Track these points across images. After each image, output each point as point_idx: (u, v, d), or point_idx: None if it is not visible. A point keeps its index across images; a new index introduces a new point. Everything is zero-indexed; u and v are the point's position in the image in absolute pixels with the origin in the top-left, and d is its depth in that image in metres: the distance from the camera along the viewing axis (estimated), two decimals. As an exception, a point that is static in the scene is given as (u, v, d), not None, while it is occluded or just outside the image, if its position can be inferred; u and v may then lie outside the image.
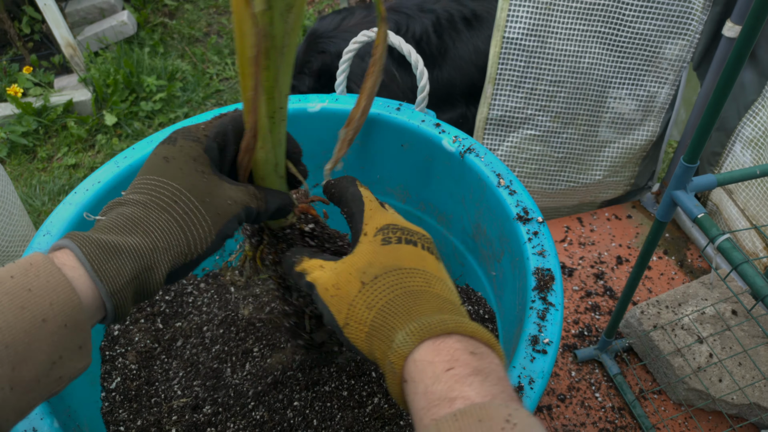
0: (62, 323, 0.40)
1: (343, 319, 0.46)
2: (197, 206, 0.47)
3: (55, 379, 0.41)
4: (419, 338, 0.41)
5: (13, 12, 2.47)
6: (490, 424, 0.34)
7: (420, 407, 0.39)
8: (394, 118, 0.88)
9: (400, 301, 0.45)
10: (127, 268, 0.43)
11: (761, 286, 0.70)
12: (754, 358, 1.08)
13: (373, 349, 0.45)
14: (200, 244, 0.48)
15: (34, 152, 2.13)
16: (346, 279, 0.47)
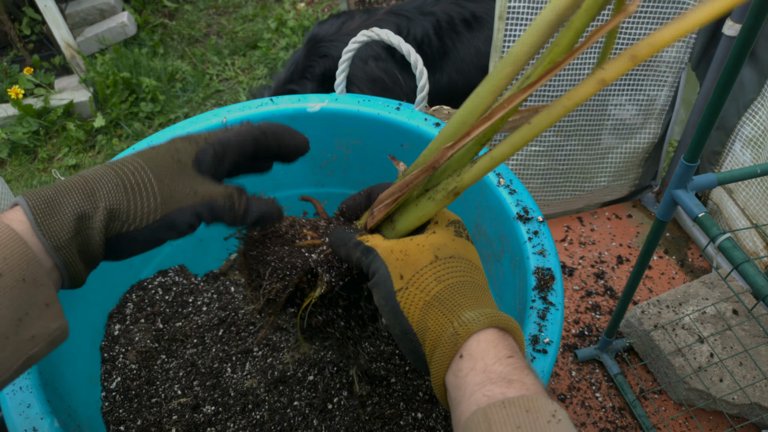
0: (19, 277, 0.40)
1: (402, 283, 0.46)
2: (152, 182, 0.47)
3: (27, 339, 0.41)
4: (489, 323, 0.43)
5: (13, 13, 2.47)
6: (536, 415, 0.36)
7: (475, 382, 0.40)
8: (394, 118, 0.88)
9: (469, 287, 0.46)
10: (68, 224, 0.44)
11: (762, 285, 0.70)
12: (755, 358, 1.08)
13: (427, 318, 0.45)
14: (141, 218, 0.47)
15: (34, 153, 2.13)
16: (418, 249, 0.48)
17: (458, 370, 0.42)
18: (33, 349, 0.42)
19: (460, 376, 0.41)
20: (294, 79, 1.39)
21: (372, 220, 0.52)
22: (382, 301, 0.47)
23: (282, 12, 2.63)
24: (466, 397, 0.40)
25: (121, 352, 0.82)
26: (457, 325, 0.43)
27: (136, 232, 0.47)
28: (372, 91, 1.37)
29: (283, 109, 0.90)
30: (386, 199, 0.51)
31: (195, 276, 0.96)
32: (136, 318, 0.86)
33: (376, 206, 0.52)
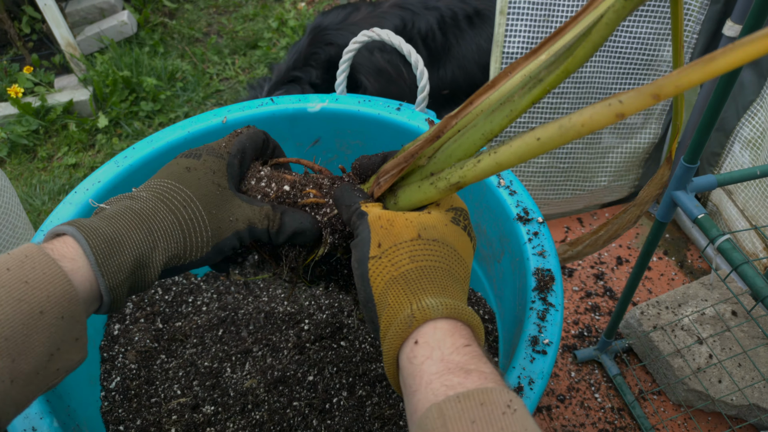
0: (59, 315, 0.40)
1: (377, 251, 0.46)
2: (203, 215, 0.49)
3: (53, 372, 0.41)
4: (447, 314, 0.42)
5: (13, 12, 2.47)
6: (491, 408, 0.36)
7: (432, 372, 0.39)
8: (394, 118, 0.88)
9: (440, 274, 0.46)
10: (127, 265, 0.45)
11: (761, 286, 0.70)
12: (754, 359, 1.08)
13: (389, 293, 0.45)
14: (196, 252, 0.49)
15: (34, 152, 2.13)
16: (404, 224, 0.47)
17: (413, 357, 0.41)
18: (54, 380, 0.42)
19: (415, 363, 0.41)
20: (297, 66, 1.38)
21: (378, 189, 0.52)
22: (356, 264, 0.47)
23: (282, 11, 2.63)
24: (422, 386, 0.39)
25: (120, 351, 0.82)
26: (415, 308, 0.42)
27: (189, 264, 0.50)
28: (377, 81, 1.37)
29: (283, 109, 0.90)
30: (392, 169, 0.51)
31: (195, 276, 0.96)
32: (136, 318, 0.86)
33: (382, 176, 0.52)
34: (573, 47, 0.40)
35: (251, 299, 0.90)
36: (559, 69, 0.41)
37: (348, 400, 0.74)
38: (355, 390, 0.76)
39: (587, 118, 0.35)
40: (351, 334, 0.82)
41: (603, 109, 0.35)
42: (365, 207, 0.49)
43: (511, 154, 0.41)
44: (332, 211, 0.55)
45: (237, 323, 0.86)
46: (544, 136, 0.38)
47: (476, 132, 0.45)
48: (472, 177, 0.45)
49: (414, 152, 0.49)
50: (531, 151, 0.40)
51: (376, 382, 0.76)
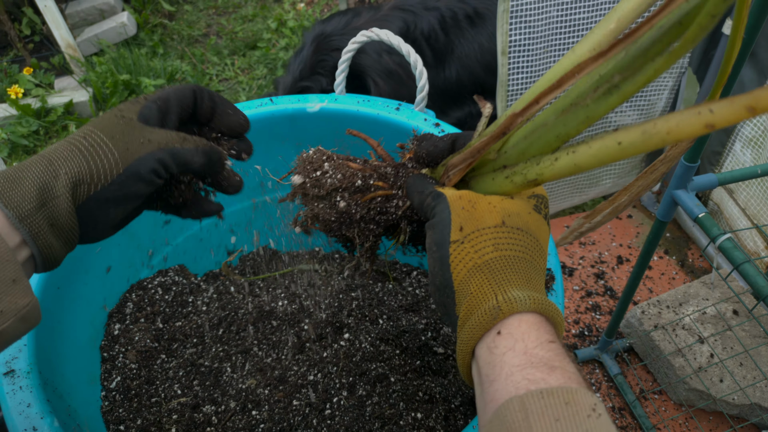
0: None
1: (459, 235, 0.44)
2: (104, 140, 0.49)
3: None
4: (535, 308, 0.41)
5: (13, 13, 2.47)
6: (576, 408, 0.35)
7: (514, 363, 0.39)
8: (394, 118, 0.88)
9: (525, 265, 0.44)
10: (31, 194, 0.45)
11: (762, 285, 0.70)
12: (756, 358, 1.08)
13: (471, 281, 0.43)
14: (105, 174, 0.48)
15: (34, 152, 2.13)
16: (487, 207, 0.46)
17: (495, 347, 0.40)
18: (2, 325, 0.42)
19: (496, 353, 0.40)
20: (305, 76, 1.38)
21: (449, 182, 0.51)
22: (434, 247, 0.45)
23: (282, 12, 2.63)
24: (502, 377, 0.38)
25: (120, 351, 0.81)
26: (501, 300, 0.41)
27: (105, 190, 0.48)
28: (388, 84, 1.37)
29: (282, 110, 0.90)
30: (459, 163, 0.49)
31: (195, 276, 0.96)
32: (136, 317, 0.86)
33: (451, 169, 0.50)
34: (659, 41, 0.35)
35: (251, 299, 0.90)
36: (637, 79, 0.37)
37: (348, 400, 0.74)
38: (356, 390, 0.76)
39: (674, 126, 0.33)
40: (351, 334, 0.82)
41: (691, 118, 0.32)
42: (440, 189, 0.48)
43: (590, 156, 0.40)
44: (405, 204, 0.53)
45: (237, 323, 0.86)
46: (625, 141, 0.36)
47: (550, 133, 0.43)
48: (550, 175, 0.44)
49: (480, 148, 0.47)
50: (611, 154, 0.38)
51: (377, 381, 0.76)
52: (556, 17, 1.13)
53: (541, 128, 0.44)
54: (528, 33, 1.12)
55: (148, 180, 0.50)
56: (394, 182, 0.54)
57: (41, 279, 0.70)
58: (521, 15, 1.09)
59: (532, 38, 1.13)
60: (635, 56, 0.36)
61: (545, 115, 0.44)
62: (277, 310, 0.88)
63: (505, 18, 1.09)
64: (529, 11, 1.09)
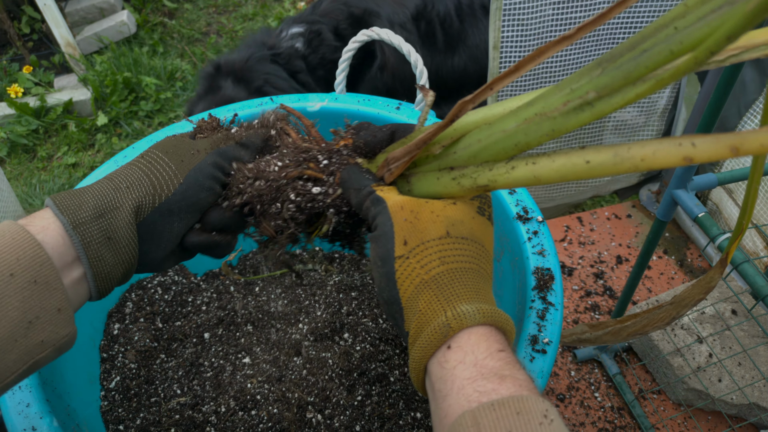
0: (31, 279, 0.40)
1: (404, 250, 0.43)
2: (160, 156, 0.50)
3: (36, 343, 0.41)
4: (484, 321, 0.41)
5: (12, 12, 2.47)
6: (528, 417, 0.35)
7: (465, 377, 0.38)
8: (394, 117, 0.88)
9: (472, 276, 0.43)
10: (88, 202, 0.45)
11: (761, 285, 0.70)
12: (754, 358, 1.08)
13: (419, 299, 0.42)
14: (166, 185, 0.49)
15: (34, 151, 2.13)
16: (430, 217, 0.44)
17: (445, 361, 0.40)
18: (40, 354, 0.42)
19: (447, 367, 0.40)
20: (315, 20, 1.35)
21: (389, 176, 0.48)
22: (379, 262, 0.44)
23: (282, 11, 2.63)
24: (454, 391, 0.38)
25: (120, 351, 0.81)
26: (450, 316, 0.41)
27: (168, 201, 0.48)
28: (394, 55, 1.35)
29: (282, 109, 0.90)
30: (402, 156, 0.47)
31: (194, 275, 0.96)
32: (136, 317, 0.86)
33: (392, 162, 0.48)
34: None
35: (251, 298, 0.90)
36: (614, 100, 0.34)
37: (348, 400, 0.74)
38: (355, 389, 0.76)
39: (649, 153, 0.31)
40: (351, 333, 0.82)
41: (671, 148, 0.30)
42: (380, 192, 0.46)
43: (552, 170, 0.37)
44: (335, 192, 0.51)
45: (237, 323, 0.86)
46: (594, 161, 0.34)
47: (508, 139, 0.41)
48: (503, 183, 0.42)
49: (426, 139, 0.45)
50: (576, 173, 0.36)
51: (376, 381, 0.76)
52: (551, 15, 1.13)
53: (499, 133, 0.41)
54: (520, 30, 1.12)
55: (209, 186, 0.50)
56: (325, 167, 0.52)
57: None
58: (514, 12, 1.10)
59: (525, 35, 1.13)
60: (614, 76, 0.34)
61: (505, 121, 0.41)
62: (277, 309, 0.88)
63: (498, 15, 1.10)
64: (522, 9, 1.09)
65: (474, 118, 0.46)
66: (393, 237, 0.44)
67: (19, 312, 0.39)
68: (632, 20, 1.18)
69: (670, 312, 0.59)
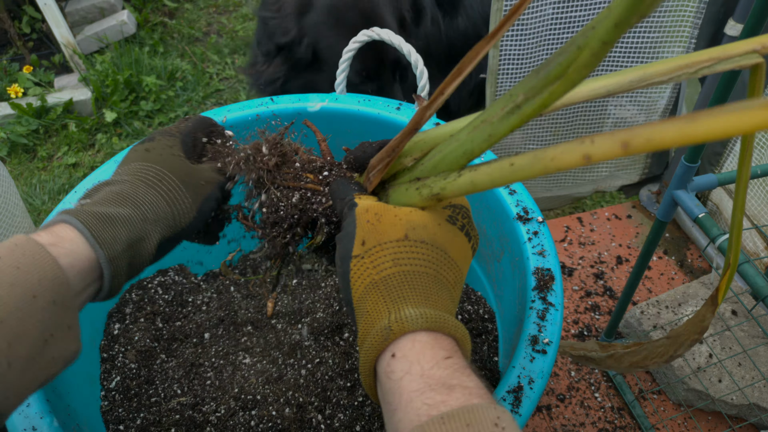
0: (51, 299, 0.41)
1: (361, 250, 0.43)
2: (179, 185, 0.52)
3: (49, 360, 0.41)
4: (427, 326, 0.40)
5: (13, 11, 2.47)
6: (478, 428, 0.34)
7: (412, 389, 0.37)
8: (394, 118, 0.88)
9: (425, 280, 0.43)
10: (122, 235, 0.46)
11: (762, 286, 0.70)
12: (754, 359, 1.08)
13: (367, 300, 0.42)
14: (184, 218, 0.52)
15: (34, 151, 2.13)
16: (392, 220, 0.44)
17: (391, 372, 0.39)
18: (51, 370, 0.42)
19: (393, 378, 0.39)
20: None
21: (369, 185, 0.50)
22: (339, 261, 0.45)
23: (282, 11, 2.62)
24: (402, 405, 0.37)
25: (120, 351, 0.81)
26: (392, 319, 0.40)
27: (182, 230, 0.52)
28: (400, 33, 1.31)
29: (283, 108, 0.90)
30: (377, 164, 0.48)
31: (195, 275, 0.96)
32: (136, 317, 0.86)
33: (371, 170, 0.49)
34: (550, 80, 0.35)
35: (251, 298, 0.90)
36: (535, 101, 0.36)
37: (348, 400, 0.74)
38: (355, 389, 0.76)
39: (558, 153, 0.34)
40: (350, 333, 0.82)
41: (573, 147, 0.33)
42: (358, 199, 0.47)
43: (486, 175, 0.40)
44: (327, 201, 0.54)
45: (236, 323, 0.86)
46: (517, 164, 0.37)
47: (459, 149, 0.43)
48: (451, 191, 0.43)
49: (394, 146, 0.46)
50: (504, 176, 0.38)
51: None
52: (551, 15, 1.13)
53: (455, 143, 0.43)
54: (521, 29, 1.13)
55: (208, 216, 0.55)
56: (322, 180, 0.55)
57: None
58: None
59: (525, 33, 1.13)
60: (539, 78, 0.35)
61: (461, 131, 0.43)
62: (277, 309, 0.88)
63: (498, 16, 1.10)
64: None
65: (444, 130, 0.48)
66: (353, 237, 0.44)
67: (38, 332, 0.40)
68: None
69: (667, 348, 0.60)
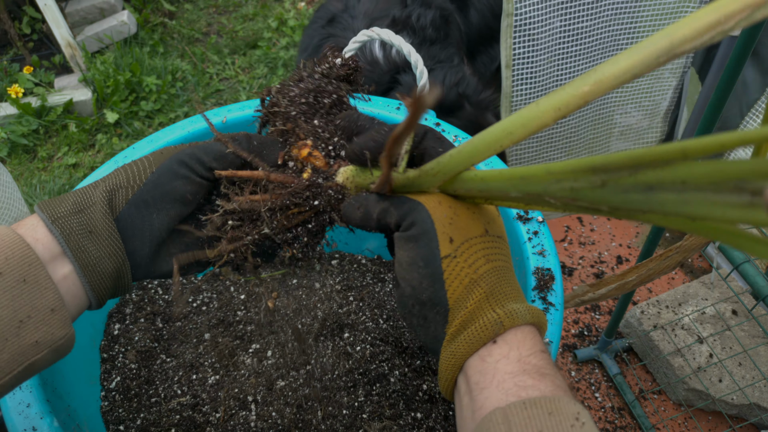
0: (20, 278, 0.41)
1: (450, 249, 0.41)
2: (142, 156, 0.51)
3: (30, 344, 0.41)
4: (532, 320, 0.41)
5: (13, 12, 2.47)
6: (559, 418, 0.34)
7: (507, 371, 0.38)
8: (394, 117, 0.88)
9: (510, 275, 0.44)
10: (67, 200, 0.46)
11: (762, 285, 0.70)
12: (755, 359, 1.08)
13: (470, 297, 0.41)
14: (139, 177, 0.48)
15: (34, 152, 2.13)
16: (469, 215, 0.43)
17: (488, 355, 0.40)
18: (36, 356, 0.41)
19: (489, 361, 0.39)
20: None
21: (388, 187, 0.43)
22: (420, 262, 0.41)
23: (282, 11, 2.63)
24: (494, 383, 0.38)
25: (120, 351, 0.81)
26: (502, 314, 0.40)
27: (140, 192, 0.47)
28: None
29: (283, 109, 0.90)
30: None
31: (195, 276, 0.96)
32: (136, 317, 0.86)
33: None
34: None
35: (251, 298, 0.90)
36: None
37: (348, 400, 0.74)
38: (356, 389, 0.76)
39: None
40: (351, 334, 0.82)
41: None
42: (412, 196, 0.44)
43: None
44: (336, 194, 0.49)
45: (237, 323, 0.86)
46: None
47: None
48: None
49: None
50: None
51: (377, 381, 0.76)
52: (559, 27, 1.13)
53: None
54: (531, 45, 1.12)
55: (183, 174, 0.48)
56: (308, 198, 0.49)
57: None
58: (525, 29, 1.09)
59: (536, 50, 1.13)
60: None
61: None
62: (277, 310, 0.88)
63: (509, 33, 1.09)
64: (532, 24, 1.09)
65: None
66: (436, 235, 0.41)
67: (8, 311, 0.40)
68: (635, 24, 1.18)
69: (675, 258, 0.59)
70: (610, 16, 1.14)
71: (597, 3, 1.11)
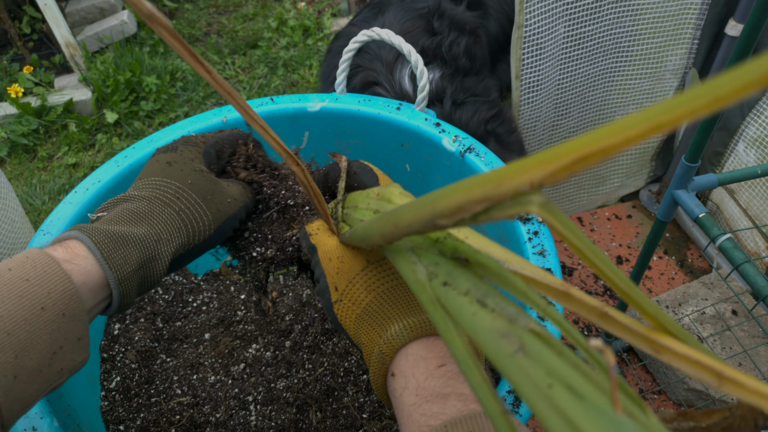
0: (60, 312, 0.41)
1: (337, 295, 0.45)
2: (198, 202, 0.51)
3: (56, 371, 0.41)
4: (415, 334, 0.40)
5: (13, 12, 2.47)
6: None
7: (410, 403, 0.38)
8: (394, 118, 0.88)
9: (398, 292, 0.43)
10: (133, 257, 0.46)
11: (762, 285, 0.70)
12: (755, 359, 1.08)
13: (360, 333, 0.44)
14: (199, 236, 0.51)
15: (34, 151, 2.13)
16: (351, 257, 0.46)
17: (393, 390, 0.40)
18: (58, 381, 0.42)
19: (395, 396, 0.40)
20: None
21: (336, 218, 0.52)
22: (326, 312, 0.47)
23: (282, 11, 2.62)
24: (405, 419, 0.38)
25: (120, 351, 0.81)
26: (382, 343, 0.41)
27: (195, 248, 0.51)
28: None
29: (283, 109, 0.90)
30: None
31: (195, 275, 0.96)
32: (136, 317, 0.85)
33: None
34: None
35: (251, 299, 0.90)
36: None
37: (348, 399, 0.74)
38: (356, 390, 0.76)
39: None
40: (351, 334, 0.83)
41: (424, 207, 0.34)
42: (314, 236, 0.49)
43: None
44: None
45: (237, 323, 0.86)
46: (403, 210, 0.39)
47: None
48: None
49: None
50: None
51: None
52: (563, 33, 1.13)
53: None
54: (538, 54, 1.13)
55: (228, 236, 0.54)
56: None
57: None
58: (532, 38, 1.10)
59: (541, 58, 1.13)
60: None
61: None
62: (277, 309, 0.87)
63: (518, 44, 1.09)
64: (539, 33, 1.09)
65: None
66: (328, 287, 0.46)
67: (47, 344, 0.40)
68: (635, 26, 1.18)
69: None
70: (612, 19, 1.15)
71: (599, 7, 1.12)
